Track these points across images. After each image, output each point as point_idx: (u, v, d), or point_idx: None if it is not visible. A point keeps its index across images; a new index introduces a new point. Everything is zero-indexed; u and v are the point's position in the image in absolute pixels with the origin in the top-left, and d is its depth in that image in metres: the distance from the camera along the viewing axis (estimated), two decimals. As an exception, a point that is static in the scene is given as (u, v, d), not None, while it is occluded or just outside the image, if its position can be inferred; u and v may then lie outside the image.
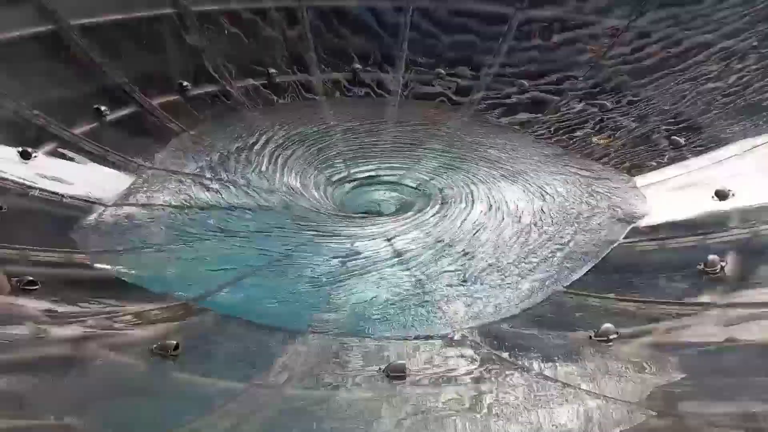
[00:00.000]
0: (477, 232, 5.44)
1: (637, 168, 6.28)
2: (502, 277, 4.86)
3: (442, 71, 8.09)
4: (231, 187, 6.02)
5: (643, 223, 5.48)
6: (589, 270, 4.94)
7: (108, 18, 7.22)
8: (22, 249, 4.58)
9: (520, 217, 5.62)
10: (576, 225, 5.49)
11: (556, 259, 5.04)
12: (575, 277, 4.84)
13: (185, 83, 7.36)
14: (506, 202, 5.84)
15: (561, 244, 5.22)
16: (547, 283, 4.77)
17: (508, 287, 4.75)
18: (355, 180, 6.44)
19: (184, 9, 7.77)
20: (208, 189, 5.95)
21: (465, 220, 5.62)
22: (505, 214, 5.67)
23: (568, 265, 4.97)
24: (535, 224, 5.51)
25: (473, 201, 5.89)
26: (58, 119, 6.16)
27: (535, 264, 4.99)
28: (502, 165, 6.50)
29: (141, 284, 4.58)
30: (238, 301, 4.58)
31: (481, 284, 4.79)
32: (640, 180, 6.10)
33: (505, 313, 4.47)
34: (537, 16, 8.19)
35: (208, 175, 6.16)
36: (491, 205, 5.81)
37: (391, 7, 8.47)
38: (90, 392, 3.43)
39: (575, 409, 3.39)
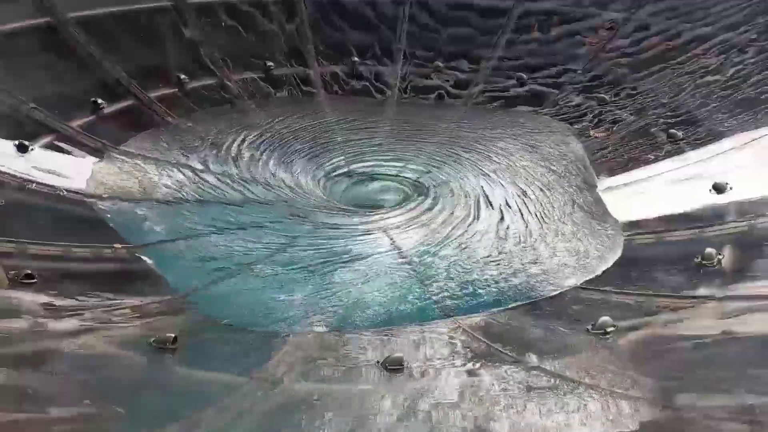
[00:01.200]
0: (476, 225, 5.44)
1: (635, 161, 6.28)
2: (500, 270, 4.87)
3: (441, 64, 8.07)
4: (229, 181, 6.01)
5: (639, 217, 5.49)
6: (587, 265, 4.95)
7: (105, 11, 7.19)
8: (20, 242, 4.58)
9: (519, 210, 5.62)
10: (574, 222, 5.50)
11: (551, 255, 5.05)
12: (570, 274, 4.85)
13: (183, 76, 7.34)
14: (506, 194, 5.84)
15: (559, 242, 5.23)
16: (540, 279, 4.77)
17: (506, 281, 4.76)
18: (353, 173, 6.43)
19: (182, 2, 7.73)
20: (205, 183, 5.94)
21: (464, 213, 5.62)
22: (505, 206, 5.68)
23: (563, 262, 4.98)
24: (535, 218, 5.51)
25: (472, 194, 5.89)
26: (55, 112, 6.14)
27: (531, 259, 5.00)
28: (500, 158, 6.49)
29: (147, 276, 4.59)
30: (236, 295, 4.58)
31: (479, 277, 4.79)
32: (638, 173, 6.10)
33: (503, 306, 4.48)
34: (536, 8, 8.16)
35: (205, 169, 6.15)
36: (490, 198, 5.81)
37: (389, 0, 8.44)
38: (89, 385, 3.44)
39: (572, 401, 3.40)
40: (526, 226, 5.40)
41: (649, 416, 3.29)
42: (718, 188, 5.39)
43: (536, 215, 5.56)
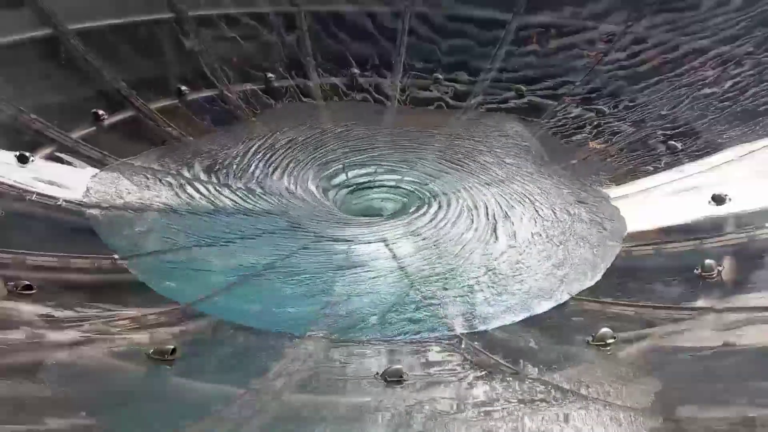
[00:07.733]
0: (474, 236, 5.44)
1: (634, 172, 6.30)
2: (500, 280, 4.86)
3: (440, 76, 8.11)
4: (228, 191, 6.02)
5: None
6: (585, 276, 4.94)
7: (106, 22, 7.23)
8: (19, 253, 4.57)
9: (516, 222, 5.63)
10: (569, 234, 5.50)
11: (549, 267, 5.04)
12: (569, 286, 4.83)
13: (183, 87, 7.37)
14: (502, 207, 5.85)
15: (555, 253, 5.23)
16: (540, 290, 4.77)
17: (505, 292, 4.75)
18: (352, 184, 6.44)
19: (183, 13, 7.78)
20: (205, 193, 5.95)
21: (462, 224, 5.62)
22: (501, 218, 5.68)
23: (561, 274, 4.97)
24: (531, 231, 5.51)
25: (470, 205, 5.89)
26: (55, 123, 6.16)
27: (529, 270, 5.00)
28: (498, 170, 6.51)
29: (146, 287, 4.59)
30: (235, 306, 4.57)
31: (478, 287, 4.79)
32: (637, 184, 6.11)
33: (503, 318, 4.47)
34: (534, 21, 8.22)
35: (206, 179, 6.16)
36: (488, 210, 5.81)
37: (389, 12, 8.49)
38: (87, 397, 3.42)
39: (572, 413, 3.39)
40: (524, 236, 5.39)
41: (649, 428, 3.28)
42: (717, 199, 5.40)
43: (536, 224, 5.56)
